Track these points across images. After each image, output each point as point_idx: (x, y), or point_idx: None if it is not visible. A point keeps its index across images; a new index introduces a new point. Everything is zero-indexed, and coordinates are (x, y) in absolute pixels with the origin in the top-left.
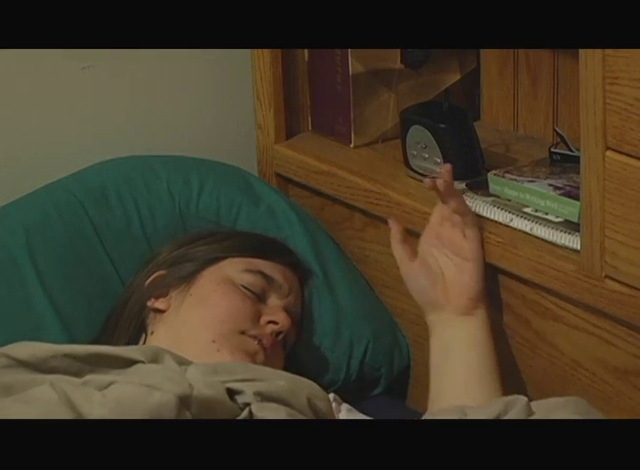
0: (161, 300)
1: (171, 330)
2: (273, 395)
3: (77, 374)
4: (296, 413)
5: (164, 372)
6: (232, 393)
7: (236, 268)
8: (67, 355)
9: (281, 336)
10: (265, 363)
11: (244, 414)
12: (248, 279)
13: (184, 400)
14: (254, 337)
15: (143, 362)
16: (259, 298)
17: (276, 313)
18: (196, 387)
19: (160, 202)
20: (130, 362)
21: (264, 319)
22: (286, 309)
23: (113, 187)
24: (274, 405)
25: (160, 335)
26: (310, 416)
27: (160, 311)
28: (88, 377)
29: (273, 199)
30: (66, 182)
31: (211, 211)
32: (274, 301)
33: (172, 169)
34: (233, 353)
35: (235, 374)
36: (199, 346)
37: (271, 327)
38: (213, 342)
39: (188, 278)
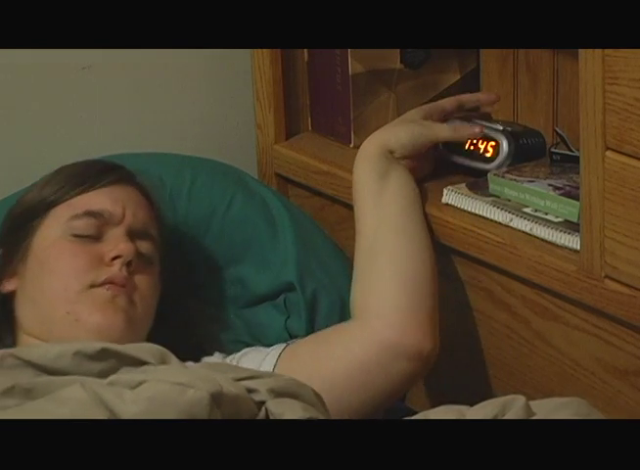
0: (11, 280)
1: (32, 311)
2: (286, 390)
3: (88, 374)
4: (308, 406)
5: (193, 371)
6: (248, 391)
7: (60, 220)
8: (76, 353)
9: (132, 266)
10: (131, 299)
11: (262, 412)
12: (75, 226)
13: (216, 398)
14: (104, 283)
15: (152, 364)
16: (96, 237)
17: (116, 245)
18: (224, 384)
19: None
20: (139, 362)
21: (107, 257)
22: (128, 233)
23: None
24: (288, 400)
25: (28, 319)
26: (320, 407)
27: (14, 292)
28: (113, 377)
29: (267, 194)
30: None
31: (204, 198)
32: (112, 231)
33: (165, 165)
34: (91, 314)
35: (238, 373)
36: (59, 323)
37: (117, 262)
38: (68, 313)
39: (23, 249)
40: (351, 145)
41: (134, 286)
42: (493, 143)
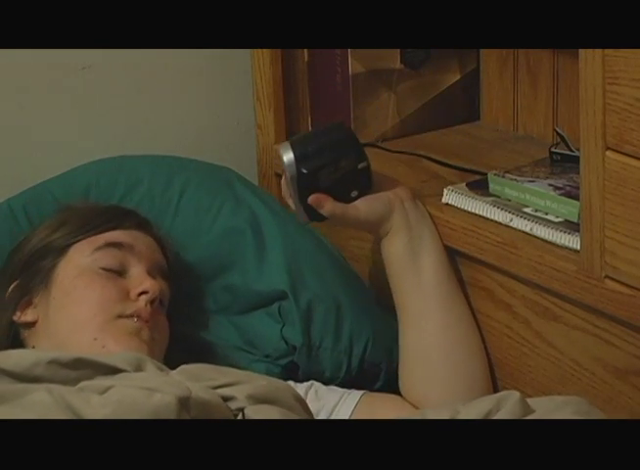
0: (28, 311)
1: (51, 340)
2: (264, 396)
3: (64, 383)
4: (287, 412)
5: (162, 377)
6: (223, 400)
7: (84, 253)
8: (51, 362)
9: (156, 302)
10: (152, 335)
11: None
12: (101, 258)
13: (184, 403)
14: (131, 315)
15: (127, 371)
16: (120, 272)
17: (142, 282)
18: (193, 390)
19: (139, 204)
20: (114, 370)
21: (134, 293)
22: (149, 272)
23: (94, 188)
24: (266, 407)
25: (45, 348)
26: (301, 412)
27: (31, 323)
28: (83, 384)
29: (255, 202)
30: (50, 183)
31: (191, 212)
32: (135, 268)
33: (155, 171)
34: (118, 343)
35: (215, 379)
36: (83, 348)
37: (143, 298)
38: (95, 339)
39: (44, 280)
40: None
41: (155, 323)
42: None
